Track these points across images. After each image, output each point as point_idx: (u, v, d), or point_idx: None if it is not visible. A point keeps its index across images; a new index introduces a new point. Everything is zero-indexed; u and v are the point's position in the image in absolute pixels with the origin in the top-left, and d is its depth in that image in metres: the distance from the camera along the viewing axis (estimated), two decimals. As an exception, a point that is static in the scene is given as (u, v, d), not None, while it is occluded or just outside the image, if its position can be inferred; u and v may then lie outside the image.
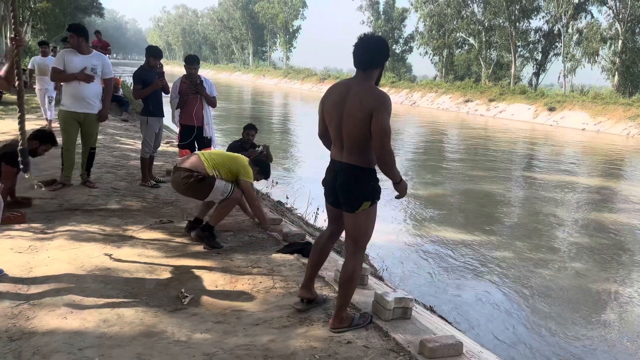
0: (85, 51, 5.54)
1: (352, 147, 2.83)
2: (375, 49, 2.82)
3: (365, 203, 2.87)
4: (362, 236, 2.95)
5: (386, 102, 2.76)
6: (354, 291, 3.03)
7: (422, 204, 11.00)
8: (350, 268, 2.94)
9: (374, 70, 2.86)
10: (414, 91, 43.90)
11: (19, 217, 4.51)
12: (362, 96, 2.75)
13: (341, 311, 2.96)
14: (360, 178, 2.86)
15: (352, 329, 2.95)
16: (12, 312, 2.97)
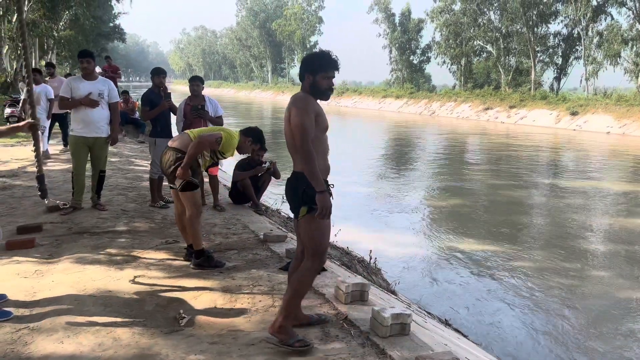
0: (92, 77, 5.67)
1: (292, 154, 2.95)
2: (301, 63, 3.04)
3: (302, 208, 2.87)
4: (310, 243, 2.91)
5: (301, 101, 2.90)
6: (299, 300, 2.97)
7: (441, 214, 10.86)
8: (298, 272, 2.95)
9: (303, 82, 3.00)
10: (432, 101, 43.70)
11: (28, 242, 4.60)
12: (291, 105, 2.93)
13: (281, 318, 2.87)
14: (295, 182, 2.91)
15: (283, 347, 2.84)
16: (11, 337, 3.00)
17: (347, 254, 6.62)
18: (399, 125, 33.60)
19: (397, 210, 10.96)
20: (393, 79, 58.38)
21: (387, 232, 9.17)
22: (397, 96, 48.50)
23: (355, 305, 3.50)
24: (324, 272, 4.24)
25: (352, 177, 14.05)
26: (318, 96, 3.00)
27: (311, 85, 2.97)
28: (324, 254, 2.97)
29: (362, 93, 54.80)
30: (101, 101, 5.64)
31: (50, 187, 7.19)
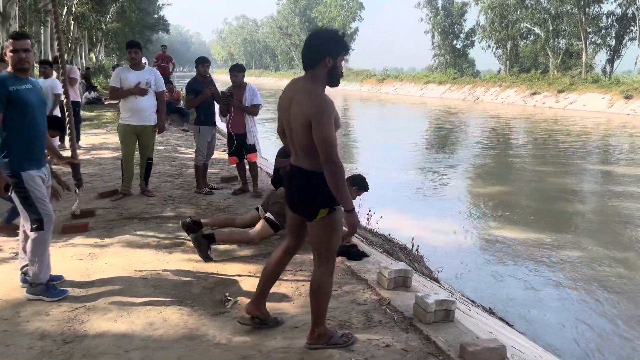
0: (139, 67, 5.83)
1: (302, 152, 2.65)
2: (312, 44, 2.63)
3: (322, 210, 2.62)
4: (325, 246, 2.70)
5: (325, 109, 2.53)
6: (327, 305, 2.80)
7: (485, 201, 10.66)
8: (315, 282, 2.73)
9: (316, 68, 2.62)
10: (476, 86, 42.67)
11: (82, 226, 4.81)
12: (303, 103, 2.57)
13: (316, 326, 2.76)
14: (313, 183, 2.62)
15: (329, 347, 2.74)
16: (68, 316, 3.16)
17: (388, 240, 6.60)
18: (441, 111, 33.00)
19: (439, 197, 10.82)
20: (435, 64, 57.32)
21: (428, 220, 9.07)
22: (439, 82, 47.59)
23: (398, 292, 3.50)
24: (366, 257, 4.25)
25: (393, 163, 13.95)
26: (334, 84, 2.67)
27: (330, 71, 2.62)
28: (335, 255, 2.79)
29: (403, 79, 54.04)
30: (148, 90, 5.79)
31: (101, 174, 7.49)
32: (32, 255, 3.38)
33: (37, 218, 3.35)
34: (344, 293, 3.54)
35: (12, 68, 3.38)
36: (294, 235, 2.91)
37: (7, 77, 3.32)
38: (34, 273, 3.38)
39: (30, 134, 3.39)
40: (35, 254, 3.37)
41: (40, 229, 3.36)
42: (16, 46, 3.32)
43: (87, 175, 7.34)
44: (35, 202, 3.35)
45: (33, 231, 3.37)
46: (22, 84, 3.36)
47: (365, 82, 57.64)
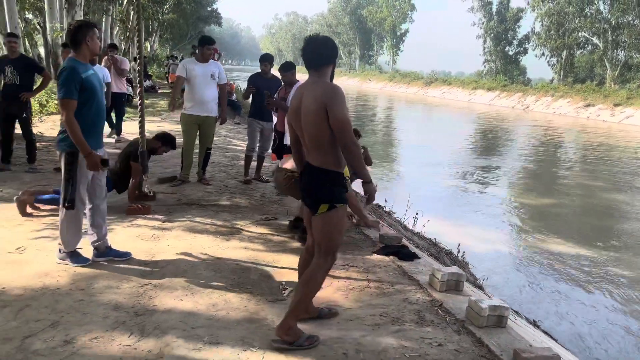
0: (206, 60, 6.07)
1: (313, 148, 2.77)
2: (323, 47, 2.82)
3: (322, 206, 2.74)
4: (325, 241, 2.79)
5: (337, 93, 2.69)
6: (310, 299, 2.88)
7: (531, 212, 10.48)
8: (307, 273, 2.81)
9: (326, 67, 2.85)
10: (527, 95, 41.62)
11: (145, 209, 5.07)
12: (314, 92, 2.72)
13: (289, 319, 2.77)
14: (317, 178, 2.77)
15: (292, 349, 2.73)
16: (137, 291, 3.38)
17: (434, 245, 6.63)
18: (489, 118, 32.39)
19: (483, 205, 10.70)
20: (485, 70, 56.21)
21: (473, 227, 9.00)
22: (488, 88, 46.67)
23: (450, 294, 3.56)
24: (417, 259, 4.32)
25: (438, 168, 13.87)
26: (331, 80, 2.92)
27: (333, 71, 2.90)
28: (337, 252, 2.87)
29: (451, 84, 53.26)
30: (212, 82, 6.03)
31: (159, 160, 7.80)
32: (61, 229, 3.66)
33: (71, 198, 3.58)
34: (396, 291, 3.63)
35: (90, 54, 3.64)
36: (311, 231, 2.97)
37: (78, 65, 3.54)
38: (63, 241, 3.68)
39: (94, 116, 3.64)
40: (64, 228, 3.65)
41: (71, 208, 3.60)
42: (98, 35, 3.63)
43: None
44: (77, 183, 3.58)
45: (65, 208, 3.60)
46: (88, 70, 3.61)
47: (412, 84, 57.15)
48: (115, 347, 2.68)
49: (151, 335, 2.82)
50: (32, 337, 2.73)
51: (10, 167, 6.55)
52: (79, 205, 3.67)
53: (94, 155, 3.55)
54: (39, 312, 3.00)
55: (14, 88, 6.37)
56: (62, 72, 3.51)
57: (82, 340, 2.73)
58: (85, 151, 3.51)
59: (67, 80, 3.45)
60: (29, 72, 6.57)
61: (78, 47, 3.59)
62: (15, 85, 6.36)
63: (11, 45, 6.47)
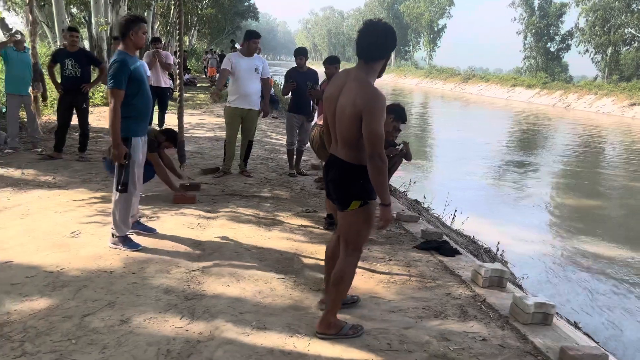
0: (251, 54, 6.16)
1: (344, 142, 2.67)
2: (384, 38, 2.60)
3: (354, 202, 2.67)
4: (353, 237, 2.74)
5: (378, 104, 2.54)
6: (344, 296, 2.84)
7: (571, 213, 10.25)
8: (339, 271, 2.74)
9: (378, 62, 2.67)
10: (569, 92, 40.48)
11: (190, 198, 5.22)
12: (356, 94, 2.56)
13: (329, 315, 2.78)
14: (349, 174, 2.67)
15: (338, 338, 2.77)
16: (186, 276, 3.50)
17: (473, 242, 6.58)
18: (528, 116, 31.67)
19: (522, 205, 10.52)
20: (525, 66, 54.96)
21: (512, 226, 8.87)
22: (528, 85, 45.61)
23: (492, 290, 3.55)
24: (458, 255, 4.32)
25: (476, 166, 13.68)
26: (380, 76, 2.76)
27: (384, 67, 2.72)
28: (363, 247, 2.85)
29: (489, 80, 52.27)
30: (256, 76, 6.13)
31: (201, 152, 8.00)
32: (114, 212, 3.86)
33: (125, 181, 3.79)
34: (438, 286, 3.65)
35: (134, 47, 3.81)
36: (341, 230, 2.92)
37: (127, 57, 3.73)
38: (115, 225, 3.86)
39: (143, 106, 3.85)
40: (117, 211, 3.84)
41: (125, 191, 3.82)
42: (146, 29, 3.81)
43: (189, 152, 7.85)
44: (130, 167, 3.79)
45: (118, 192, 3.82)
46: (137, 62, 3.81)
47: (448, 81, 56.35)
48: (169, 328, 2.79)
49: (201, 318, 2.93)
50: (90, 315, 2.88)
51: (62, 156, 6.83)
52: (131, 189, 3.87)
53: (122, 147, 3.72)
54: (96, 293, 3.16)
55: (76, 80, 6.65)
56: (113, 64, 3.70)
57: (137, 320, 2.86)
58: (116, 142, 3.70)
59: (117, 72, 3.64)
60: (89, 64, 6.87)
61: (125, 40, 3.80)
62: (77, 77, 6.64)
63: (73, 40, 6.75)
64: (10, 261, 3.54)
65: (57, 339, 2.63)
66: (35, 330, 2.69)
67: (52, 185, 5.64)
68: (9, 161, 6.52)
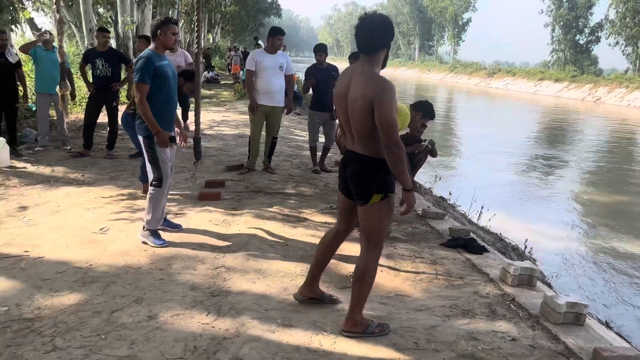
0: (274, 51, 6.16)
1: (360, 137, 2.67)
2: (380, 29, 2.63)
3: (375, 196, 2.66)
4: (375, 232, 2.74)
5: (387, 92, 2.55)
6: (368, 292, 2.80)
7: (603, 211, 9.98)
8: (362, 266, 2.75)
9: (379, 52, 2.68)
10: (598, 86, 39.45)
11: (215, 195, 5.25)
12: (364, 86, 2.58)
13: (354, 313, 2.78)
14: (369, 168, 2.67)
15: (364, 337, 2.76)
16: (212, 273, 3.52)
17: (500, 239, 6.46)
18: (556, 110, 31.00)
19: (551, 201, 10.30)
20: (553, 60, 53.78)
21: (540, 223, 8.68)
22: (556, 79, 44.61)
23: (522, 289, 3.48)
24: (486, 252, 4.24)
25: (502, 162, 13.45)
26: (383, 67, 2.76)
27: (386, 56, 2.73)
28: (383, 241, 2.84)
29: (515, 74, 51.31)
30: (280, 73, 6.12)
31: (225, 148, 8.05)
32: (148, 206, 3.95)
33: (159, 177, 3.93)
34: (465, 284, 3.59)
35: (163, 46, 3.92)
36: (344, 219, 2.97)
37: (153, 55, 3.86)
38: (148, 220, 3.95)
39: (164, 102, 3.92)
40: (151, 205, 3.94)
41: (159, 186, 3.94)
42: (176, 31, 3.93)
43: (213, 149, 7.94)
44: (159, 162, 3.92)
45: (152, 187, 3.95)
46: (162, 60, 3.92)
47: (473, 75, 55.53)
48: (195, 324, 2.81)
49: (227, 315, 2.94)
50: (119, 311, 2.92)
51: (90, 154, 6.96)
52: (165, 183, 3.96)
53: (163, 133, 3.84)
54: (124, 288, 3.20)
55: (106, 79, 6.76)
56: (139, 60, 3.87)
57: (164, 316, 2.88)
58: (155, 129, 3.82)
59: (142, 67, 3.79)
60: (119, 63, 6.99)
61: (154, 40, 3.94)
62: (107, 76, 6.76)
63: (105, 40, 6.86)
64: (42, 257, 3.62)
65: (87, 334, 2.67)
66: (66, 326, 2.74)
67: (81, 182, 5.75)
68: (39, 159, 6.67)
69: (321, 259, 3.06)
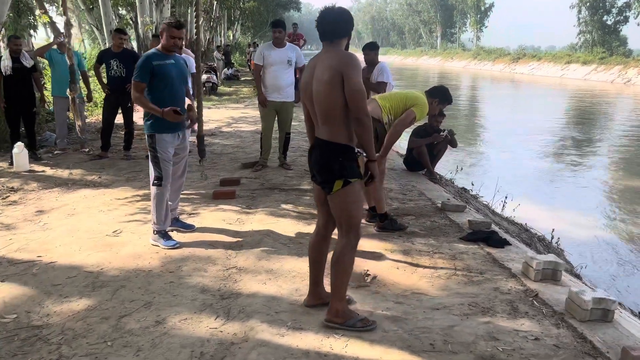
0: (282, 45, 6.04)
1: (325, 122, 2.65)
2: (339, 18, 2.70)
3: (337, 182, 2.63)
4: (345, 219, 2.69)
5: (353, 61, 2.58)
6: (346, 280, 2.74)
7: (634, 197, 9.59)
8: (336, 252, 2.71)
9: (341, 40, 2.71)
10: (628, 67, 38.14)
11: (230, 193, 5.19)
12: (329, 61, 2.61)
13: (334, 302, 2.73)
14: (329, 154, 2.65)
15: (344, 329, 2.69)
16: (223, 274, 3.45)
17: (525, 230, 6.25)
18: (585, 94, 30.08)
19: (580, 188, 9.94)
20: (580, 42, 52.16)
21: (568, 212, 8.39)
22: (584, 62, 43.32)
23: (546, 284, 3.31)
24: (508, 246, 4.07)
25: (528, 149, 13.08)
26: None
27: (347, 45, 2.78)
28: (359, 227, 2.75)
29: (541, 59, 50.01)
30: (289, 68, 5.99)
31: (242, 145, 8.00)
32: (152, 205, 3.94)
33: (159, 176, 3.90)
34: (485, 280, 3.43)
35: (162, 47, 3.91)
36: (321, 212, 2.91)
37: (153, 54, 3.88)
38: (153, 221, 3.93)
39: (171, 102, 3.86)
40: (154, 204, 3.92)
41: (159, 185, 3.90)
42: (175, 34, 3.86)
43: (231, 146, 7.90)
44: (160, 162, 3.89)
45: (154, 186, 3.92)
46: (165, 59, 3.88)
47: (497, 62, 54.38)
48: (203, 329, 2.74)
49: (236, 318, 2.86)
50: (127, 316, 2.87)
51: (108, 155, 6.99)
52: (165, 183, 3.92)
53: (167, 112, 3.78)
54: (133, 293, 3.15)
55: (121, 80, 6.76)
56: (139, 59, 3.92)
57: (172, 321, 2.82)
58: (157, 112, 3.79)
59: (139, 65, 3.84)
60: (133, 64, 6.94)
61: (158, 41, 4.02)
62: (122, 77, 6.74)
63: (120, 41, 6.86)
64: (54, 262, 3.61)
65: (94, 341, 2.62)
66: (73, 333, 2.70)
67: (98, 184, 5.76)
68: (58, 162, 6.73)
69: (315, 263, 2.95)
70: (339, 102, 2.57)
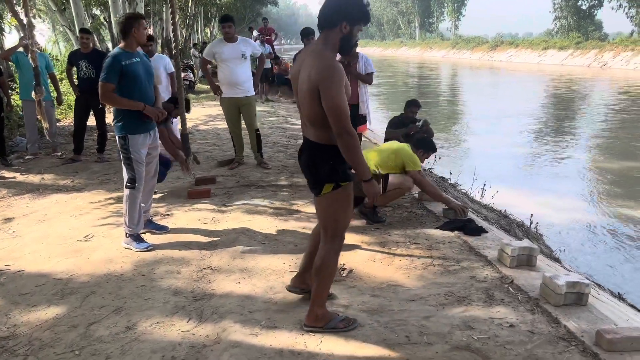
0: (232, 40, 5.90)
1: (309, 122, 2.49)
2: (331, 5, 2.42)
3: (327, 186, 2.48)
4: (330, 223, 2.56)
5: (333, 75, 2.30)
6: (328, 285, 2.66)
7: (611, 179, 9.71)
8: (318, 258, 2.59)
9: (331, 30, 2.42)
10: (604, 51, 38.64)
11: (205, 192, 5.11)
12: (311, 68, 2.37)
13: (314, 307, 2.63)
14: (318, 156, 2.49)
15: (326, 332, 2.62)
16: (197, 275, 3.38)
17: (504, 217, 6.27)
18: (561, 79, 30.41)
19: (558, 172, 10.04)
20: (556, 28, 52.71)
21: (547, 196, 8.46)
22: (560, 47, 43.77)
23: (521, 270, 3.30)
24: (484, 233, 4.06)
25: (507, 135, 13.17)
26: (345, 52, 2.50)
27: (344, 38, 2.42)
28: (344, 233, 2.64)
29: (518, 46, 50.41)
30: (243, 62, 5.89)
31: (219, 143, 7.90)
32: (125, 208, 3.86)
33: (132, 177, 3.82)
34: (462, 269, 3.42)
35: (136, 43, 3.81)
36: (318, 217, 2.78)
37: (120, 53, 3.74)
38: (126, 224, 3.85)
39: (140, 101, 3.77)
40: (127, 206, 3.84)
41: (132, 187, 3.83)
42: (146, 26, 3.79)
43: (207, 144, 7.80)
44: (133, 164, 3.80)
45: (127, 188, 3.84)
46: (132, 57, 3.77)
47: (476, 50, 54.69)
48: (175, 333, 2.68)
49: (209, 320, 2.80)
50: (96, 323, 2.79)
51: (81, 158, 6.85)
52: (139, 184, 3.84)
53: (147, 107, 3.76)
54: (104, 299, 3.07)
55: (90, 81, 6.59)
56: (106, 59, 3.74)
57: (143, 326, 2.75)
58: (139, 106, 3.74)
59: (107, 66, 3.69)
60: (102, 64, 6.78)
61: (126, 37, 3.80)
62: (91, 79, 6.58)
63: (83, 41, 6.70)
64: (22, 270, 3.52)
65: (61, 350, 2.55)
66: (40, 343, 2.62)
67: (71, 188, 5.64)
68: (29, 167, 6.58)
69: (313, 250, 2.88)
70: (320, 112, 2.38)
